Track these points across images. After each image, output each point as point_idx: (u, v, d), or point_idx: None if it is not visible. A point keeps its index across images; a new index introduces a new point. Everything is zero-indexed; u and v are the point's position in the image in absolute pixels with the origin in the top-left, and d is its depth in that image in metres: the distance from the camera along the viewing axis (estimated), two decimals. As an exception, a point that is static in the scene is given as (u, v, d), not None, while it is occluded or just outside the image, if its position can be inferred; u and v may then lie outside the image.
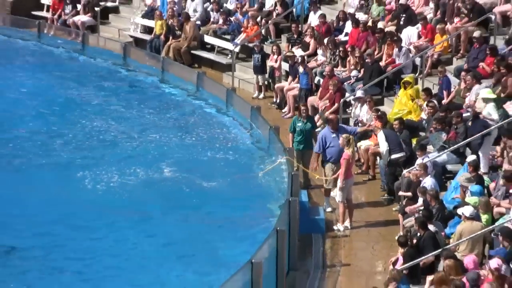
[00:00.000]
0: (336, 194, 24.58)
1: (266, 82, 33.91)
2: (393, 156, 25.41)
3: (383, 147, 25.45)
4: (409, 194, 24.12)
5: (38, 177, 27.76)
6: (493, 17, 30.42)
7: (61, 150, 30.00)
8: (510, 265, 18.60)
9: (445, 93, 27.89)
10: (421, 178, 23.90)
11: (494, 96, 25.33)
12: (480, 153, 24.35)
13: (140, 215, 25.85)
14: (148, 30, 38.69)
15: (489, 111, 24.97)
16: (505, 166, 22.83)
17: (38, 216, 25.56)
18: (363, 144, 27.45)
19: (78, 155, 29.59)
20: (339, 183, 24.26)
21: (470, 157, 23.66)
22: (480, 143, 24.36)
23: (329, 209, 25.34)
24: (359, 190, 26.41)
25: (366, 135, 27.70)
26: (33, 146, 30.17)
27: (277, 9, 36.03)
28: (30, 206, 26.09)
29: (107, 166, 28.48)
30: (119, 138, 31.04)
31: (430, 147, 25.31)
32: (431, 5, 32.13)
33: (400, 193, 24.64)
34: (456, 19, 30.97)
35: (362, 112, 28.45)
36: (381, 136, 25.53)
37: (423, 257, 20.91)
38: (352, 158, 24.65)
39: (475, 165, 23.02)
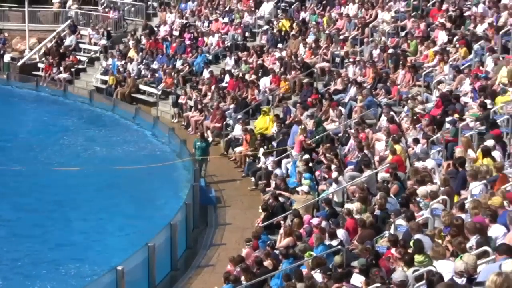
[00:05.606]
0: None
1: (178, 112, 32.82)
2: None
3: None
4: (265, 181, 23.63)
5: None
6: (315, 70, 29.91)
7: (53, 154, 28.99)
8: (329, 222, 18.04)
9: (288, 117, 27.29)
10: (271, 169, 23.43)
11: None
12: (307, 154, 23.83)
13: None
14: (104, 82, 37.49)
15: None
16: (324, 160, 22.23)
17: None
18: (238, 149, 26.83)
19: (63, 153, 29.24)
20: None
21: (305, 156, 23.04)
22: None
23: None
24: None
25: (239, 143, 27.07)
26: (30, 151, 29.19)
27: (184, 68, 35.14)
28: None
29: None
30: (81, 147, 30.25)
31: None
32: (277, 63, 31.49)
33: (260, 182, 24.08)
34: (293, 72, 30.41)
35: (236, 129, 27.72)
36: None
37: (275, 218, 20.42)
38: None
39: (307, 161, 22.45)
